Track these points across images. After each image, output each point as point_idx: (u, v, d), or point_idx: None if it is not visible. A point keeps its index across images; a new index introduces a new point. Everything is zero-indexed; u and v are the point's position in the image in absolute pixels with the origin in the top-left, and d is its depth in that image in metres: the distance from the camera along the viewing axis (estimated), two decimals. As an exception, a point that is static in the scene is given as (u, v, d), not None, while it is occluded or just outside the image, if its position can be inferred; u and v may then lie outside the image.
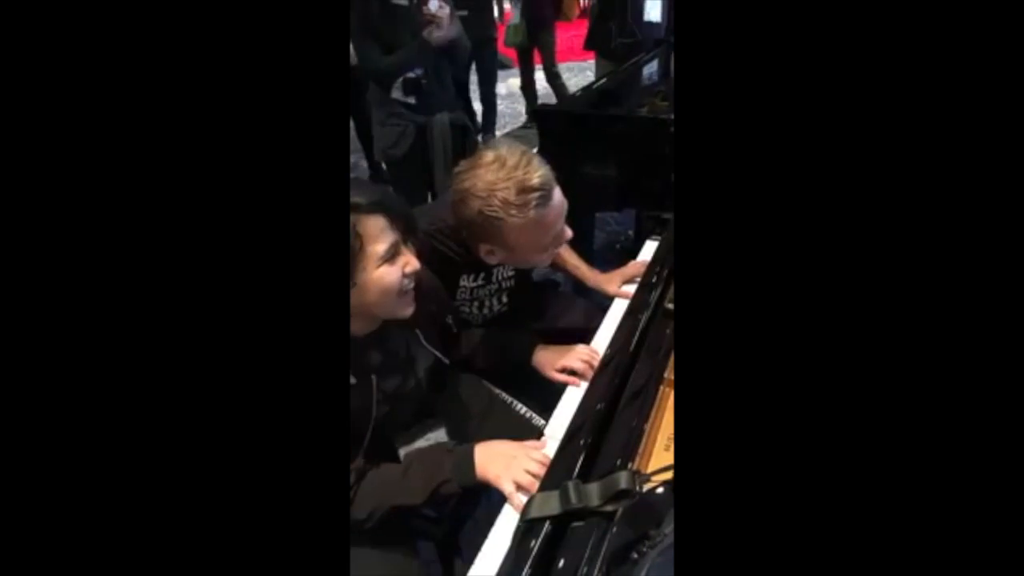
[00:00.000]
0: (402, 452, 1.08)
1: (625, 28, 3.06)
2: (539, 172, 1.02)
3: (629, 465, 0.74)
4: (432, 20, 1.95)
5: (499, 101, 4.11)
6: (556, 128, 2.09)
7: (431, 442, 1.10)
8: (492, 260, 1.13)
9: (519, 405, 1.20)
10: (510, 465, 0.85)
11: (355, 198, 0.83)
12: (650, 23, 3.04)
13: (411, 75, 2.09)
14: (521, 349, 1.19)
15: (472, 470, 0.88)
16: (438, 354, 1.09)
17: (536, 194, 1.01)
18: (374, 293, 0.86)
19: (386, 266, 0.86)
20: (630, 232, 2.76)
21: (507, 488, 0.83)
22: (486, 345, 1.23)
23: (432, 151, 2.18)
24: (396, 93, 2.11)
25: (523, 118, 4.11)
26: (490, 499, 1.26)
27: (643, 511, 0.65)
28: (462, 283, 1.26)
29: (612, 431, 0.83)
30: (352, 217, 0.83)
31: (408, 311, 0.92)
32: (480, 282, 1.28)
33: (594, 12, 3.27)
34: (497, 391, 1.23)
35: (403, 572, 0.93)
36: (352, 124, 3.27)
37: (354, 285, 0.84)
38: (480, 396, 1.21)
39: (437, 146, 2.18)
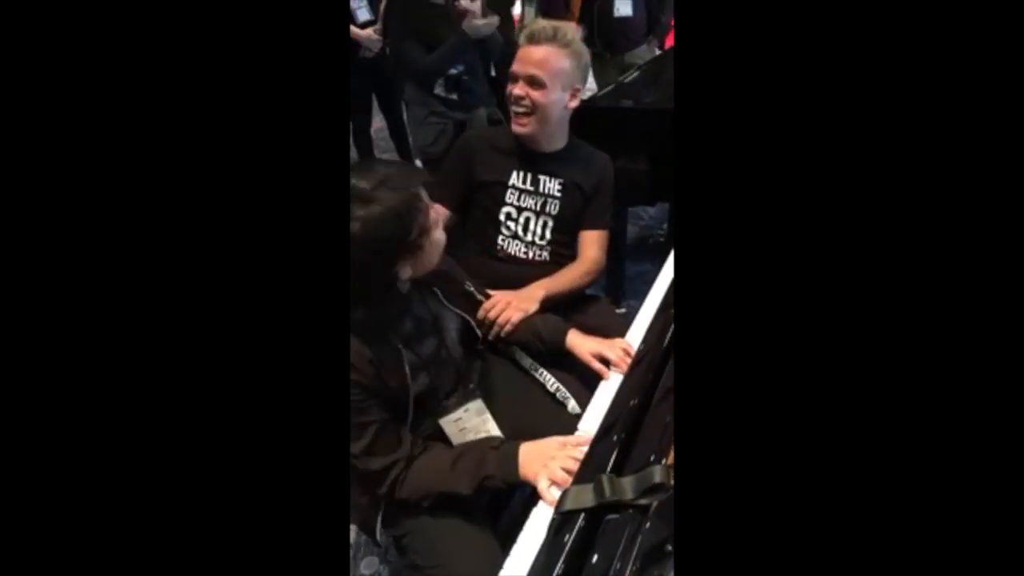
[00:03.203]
0: (442, 422, 1.10)
1: (592, 35, 2.98)
2: (564, 27, 1.29)
3: (663, 461, 0.75)
4: (465, 12, 2.00)
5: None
6: (588, 122, 2.08)
7: (470, 413, 1.12)
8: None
9: (551, 379, 1.22)
10: (548, 464, 0.87)
11: (417, 182, 0.97)
12: (621, 19, 2.96)
13: (453, 72, 2.12)
14: (554, 329, 1.22)
15: (516, 468, 0.91)
16: (463, 315, 1.16)
17: (542, 27, 1.30)
18: (435, 252, 1.02)
19: (438, 229, 1.01)
20: (665, 226, 2.73)
21: (541, 484, 0.85)
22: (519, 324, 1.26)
23: None
24: (438, 90, 2.14)
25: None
26: (524, 490, 1.27)
27: (677, 506, 0.66)
28: (512, 181, 1.40)
29: (646, 426, 0.83)
30: (423, 195, 0.96)
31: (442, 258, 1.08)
32: (528, 186, 1.40)
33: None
34: (530, 367, 1.26)
35: (484, 547, 0.95)
36: (385, 123, 3.32)
37: (421, 250, 0.98)
38: (512, 375, 1.24)
39: None
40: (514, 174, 1.40)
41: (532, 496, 0.89)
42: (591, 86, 3.08)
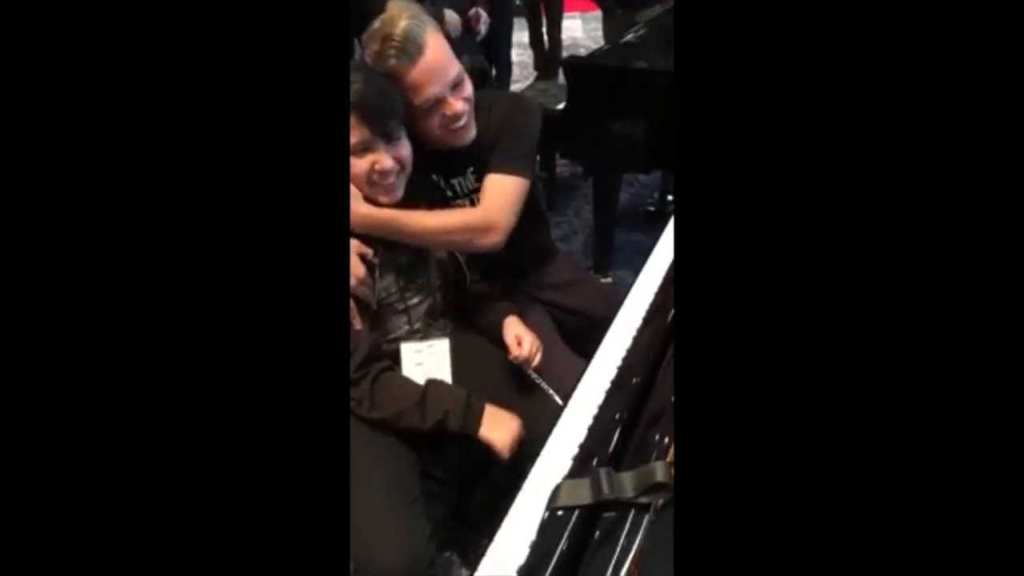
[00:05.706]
0: (403, 346, 1.10)
1: None
2: (402, 25, 1.02)
3: (664, 457, 0.70)
4: (473, 28, 2.24)
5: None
6: (587, 82, 1.99)
7: (434, 350, 1.11)
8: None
9: (533, 373, 1.18)
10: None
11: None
12: None
13: None
14: (496, 317, 1.19)
15: (477, 425, 1.01)
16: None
17: (391, 45, 1.03)
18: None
19: (353, 157, 0.97)
20: (656, 195, 2.68)
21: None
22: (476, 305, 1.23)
23: None
24: None
25: (531, 71, 3.95)
26: (501, 467, 1.23)
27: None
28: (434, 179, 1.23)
29: (645, 415, 0.79)
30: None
31: (387, 199, 1.03)
32: (447, 194, 1.25)
33: None
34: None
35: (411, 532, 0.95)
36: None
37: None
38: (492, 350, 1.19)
39: None
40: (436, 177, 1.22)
41: (514, 471, 0.85)
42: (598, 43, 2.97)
